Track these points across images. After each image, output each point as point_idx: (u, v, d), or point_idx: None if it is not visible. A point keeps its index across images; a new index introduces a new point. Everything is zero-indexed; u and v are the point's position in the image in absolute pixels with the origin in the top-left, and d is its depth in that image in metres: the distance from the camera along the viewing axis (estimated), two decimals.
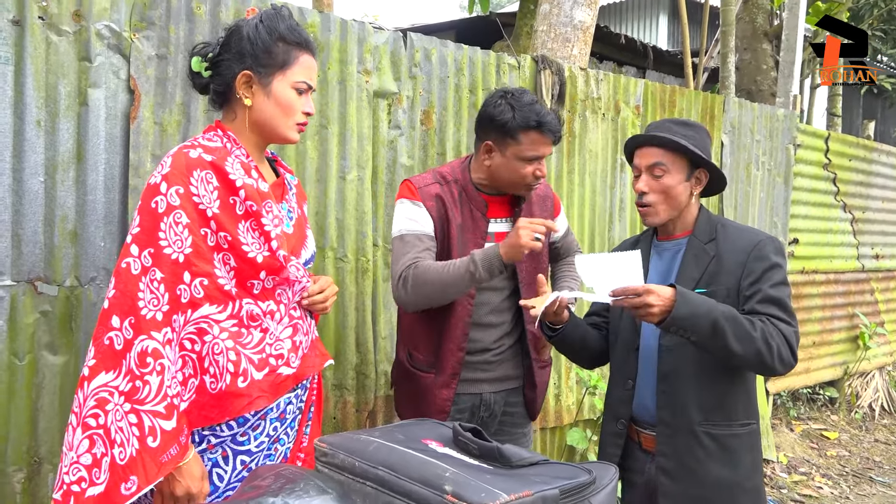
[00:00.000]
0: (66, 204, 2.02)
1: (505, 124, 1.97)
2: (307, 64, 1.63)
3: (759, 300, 1.74)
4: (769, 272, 1.77)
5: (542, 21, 3.76)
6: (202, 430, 1.53)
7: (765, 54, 6.48)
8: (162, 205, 1.47)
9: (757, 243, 1.79)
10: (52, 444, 2.01)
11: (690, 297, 1.64)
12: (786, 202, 4.66)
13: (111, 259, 2.09)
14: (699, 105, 3.99)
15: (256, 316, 1.58)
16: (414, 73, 2.77)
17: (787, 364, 1.70)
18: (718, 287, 1.78)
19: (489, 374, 2.12)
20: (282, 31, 1.59)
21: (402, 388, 2.24)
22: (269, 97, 1.60)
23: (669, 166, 1.81)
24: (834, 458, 4.75)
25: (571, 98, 3.32)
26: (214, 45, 1.65)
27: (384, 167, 2.71)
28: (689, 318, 1.62)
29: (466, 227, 2.07)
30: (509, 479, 1.18)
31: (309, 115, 1.66)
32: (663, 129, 1.84)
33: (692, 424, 1.78)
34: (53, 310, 2.01)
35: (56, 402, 2.02)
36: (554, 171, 3.25)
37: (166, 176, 1.49)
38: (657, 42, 11.92)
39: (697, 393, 1.78)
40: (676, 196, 1.83)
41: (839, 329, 5.33)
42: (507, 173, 2.02)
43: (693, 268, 1.82)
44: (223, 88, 1.63)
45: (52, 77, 1.98)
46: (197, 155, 1.53)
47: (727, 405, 1.80)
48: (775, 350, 1.67)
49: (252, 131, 1.63)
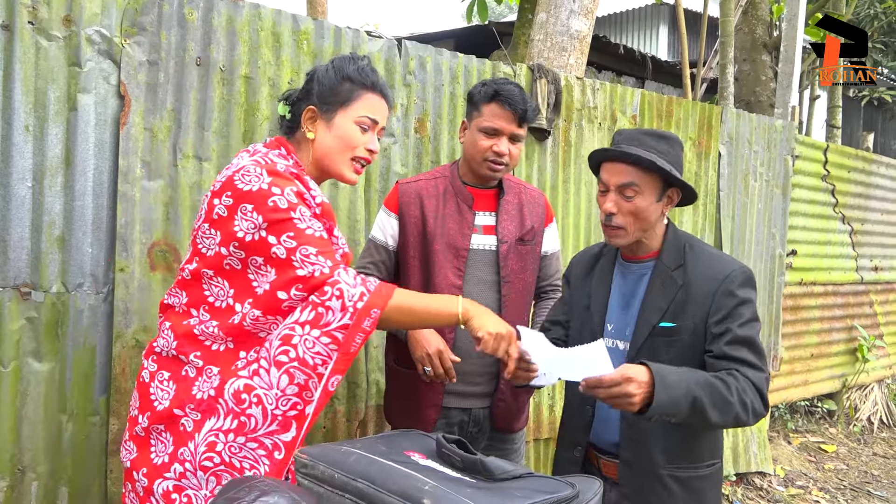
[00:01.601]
0: (54, 209, 2.01)
1: (473, 96, 2.08)
2: (373, 102, 1.68)
3: (729, 341, 1.63)
4: (739, 308, 1.65)
5: (539, 30, 3.75)
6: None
7: (764, 65, 6.48)
8: (282, 202, 1.50)
9: (728, 275, 1.67)
10: (36, 453, 1.99)
11: (668, 378, 1.49)
12: (784, 213, 4.64)
13: (98, 265, 2.07)
14: (696, 115, 3.98)
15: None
16: (408, 81, 2.76)
17: (759, 416, 1.61)
18: (685, 322, 1.68)
19: (478, 388, 2.10)
20: (349, 72, 1.66)
21: (391, 390, 2.25)
22: (330, 130, 1.65)
23: (642, 187, 1.66)
24: (832, 471, 4.71)
25: (567, 107, 3.31)
26: (297, 90, 1.73)
27: (377, 175, 2.70)
28: (670, 404, 1.48)
29: (453, 218, 2.09)
30: (491, 494, 1.16)
31: (373, 153, 1.69)
32: (636, 142, 1.67)
33: (656, 468, 1.70)
34: (39, 316, 1.99)
35: (41, 410, 2.00)
36: (549, 180, 3.24)
37: (272, 183, 1.51)
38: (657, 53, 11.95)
39: (663, 436, 1.69)
40: (647, 218, 1.69)
41: (838, 341, 5.30)
42: (471, 148, 2.07)
43: (660, 297, 1.71)
44: (292, 122, 1.70)
45: (41, 82, 1.98)
46: (284, 168, 1.57)
47: (693, 448, 1.73)
48: (750, 407, 1.57)
49: (314, 166, 1.68)
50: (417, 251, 2.09)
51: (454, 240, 2.06)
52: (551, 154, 3.24)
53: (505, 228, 2.10)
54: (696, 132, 3.98)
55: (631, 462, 1.73)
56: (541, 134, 3.18)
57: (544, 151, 3.24)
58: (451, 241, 2.06)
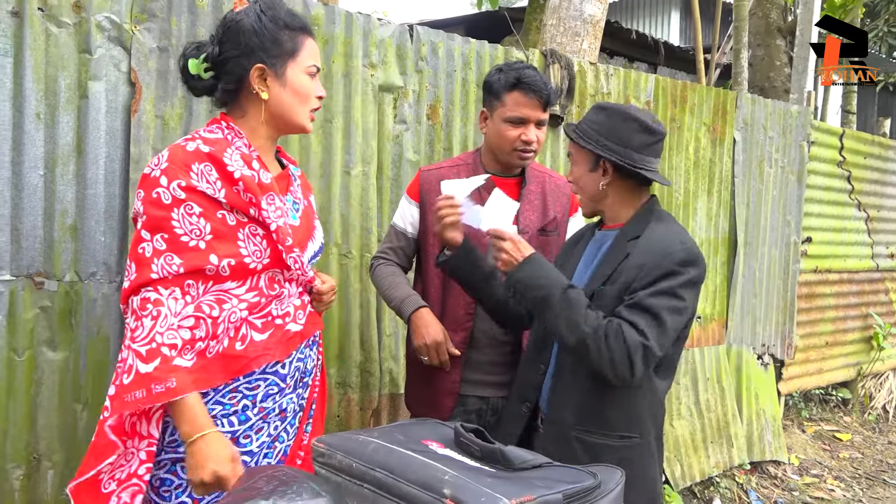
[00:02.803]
0: (66, 198, 1.99)
1: (492, 86, 2.02)
2: (312, 47, 1.61)
3: (629, 304, 1.60)
4: (660, 280, 1.60)
5: (552, 15, 3.70)
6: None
7: (778, 50, 6.39)
8: (166, 197, 1.44)
9: (665, 250, 1.63)
10: (51, 442, 1.99)
11: (538, 265, 1.66)
12: (799, 200, 4.58)
13: (111, 254, 2.06)
14: (711, 101, 3.92)
15: (278, 282, 1.58)
16: (420, 67, 2.73)
17: (620, 375, 1.57)
18: (613, 286, 1.66)
19: (496, 377, 2.08)
20: (284, 18, 1.56)
21: (409, 377, 2.25)
22: (284, 87, 1.57)
23: (576, 156, 1.79)
24: (846, 460, 4.67)
25: (581, 93, 3.26)
26: (210, 44, 1.59)
27: (389, 162, 2.68)
28: (523, 280, 1.65)
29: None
30: (511, 483, 1.14)
31: (321, 98, 1.65)
32: (583, 120, 1.79)
33: (567, 428, 1.70)
34: (53, 305, 1.98)
35: (55, 399, 1.99)
36: (563, 168, 3.20)
37: (165, 170, 1.46)
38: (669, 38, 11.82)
39: (578, 394, 1.70)
40: (584, 186, 1.78)
41: (853, 329, 5.26)
42: (496, 139, 2.03)
43: (607, 265, 1.71)
44: (235, 86, 1.58)
45: (51, 69, 1.96)
46: (194, 147, 1.49)
47: (602, 414, 1.69)
48: (606, 354, 1.55)
49: (268, 124, 1.60)
50: (438, 240, 2.07)
51: (474, 229, 2.03)
52: (565, 141, 3.20)
53: (526, 218, 2.07)
54: (710, 118, 3.92)
55: (552, 421, 1.75)
56: (554, 120, 3.14)
57: (557, 138, 3.20)
58: (472, 230, 2.03)
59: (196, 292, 1.47)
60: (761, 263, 4.32)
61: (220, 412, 1.51)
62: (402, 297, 2.05)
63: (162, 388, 1.36)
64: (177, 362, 1.40)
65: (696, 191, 3.89)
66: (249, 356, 1.51)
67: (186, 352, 1.43)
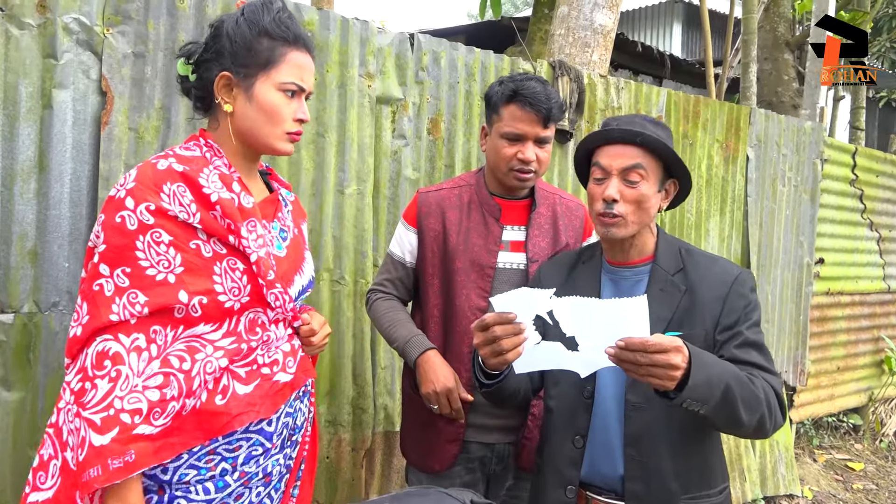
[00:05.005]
0: (26, 219, 1.79)
1: (490, 98, 1.84)
2: (298, 62, 1.38)
3: (739, 344, 1.47)
4: (750, 312, 1.51)
5: (560, 24, 3.52)
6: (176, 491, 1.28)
7: (786, 64, 6.23)
8: (131, 222, 1.24)
9: (736, 276, 1.52)
10: (3, 490, 1.77)
11: (704, 356, 1.29)
12: (812, 220, 4.40)
13: (76, 282, 1.85)
14: (724, 116, 3.74)
15: (262, 324, 1.36)
16: (421, 78, 2.53)
17: (778, 426, 1.43)
18: (695, 329, 1.48)
19: (501, 421, 1.87)
20: (266, 24, 1.34)
21: (406, 418, 2.02)
22: (250, 101, 1.35)
23: (648, 171, 1.48)
24: (861, 491, 4.46)
25: (590, 107, 3.08)
26: (200, 45, 1.41)
27: (387, 180, 2.48)
28: (705, 386, 1.26)
29: (478, 232, 1.86)
30: None
31: (302, 121, 1.42)
32: (637, 125, 1.50)
33: (673, 499, 1.46)
34: (8, 340, 1.77)
35: (9, 443, 1.78)
36: (571, 185, 3.01)
37: (131, 191, 1.25)
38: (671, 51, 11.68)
39: (675, 461, 1.47)
40: (649, 209, 1.50)
41: (864, 353, 5.07)
42: (493, 156, 1.84)
43: (662, 305, 1.49)
44: (203, 93, 1.39)
45: (11, 76, 1.76)
46: (166, 166, 1.29)
47: (707, 472, 1.52)
48: (774, 412, 1.41)
49: (238, 141, 1.39)
50: (437, 269, 1.87)
51: (479, 256, 1.83)
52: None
53: (536, 245, 1.86)
54: (723, 134, 3.74)
55: (641, 495, 1.47)
56: (563, 136, 2.95)
57: (566, 154, 3.01)
58: (476, 258, 1.83)
59: (164, 340, 1.25)
60: (774, 287, 4.13)
61: (195, 477, 1.29)
62: (405, 338, 1.84)
63: (120, 463, 1.15)
64: (140, 430, 1.18)
65: (708, 210, 3.70)
66: (231, 413, 1.29)
67: (156, 416, 1.21)
